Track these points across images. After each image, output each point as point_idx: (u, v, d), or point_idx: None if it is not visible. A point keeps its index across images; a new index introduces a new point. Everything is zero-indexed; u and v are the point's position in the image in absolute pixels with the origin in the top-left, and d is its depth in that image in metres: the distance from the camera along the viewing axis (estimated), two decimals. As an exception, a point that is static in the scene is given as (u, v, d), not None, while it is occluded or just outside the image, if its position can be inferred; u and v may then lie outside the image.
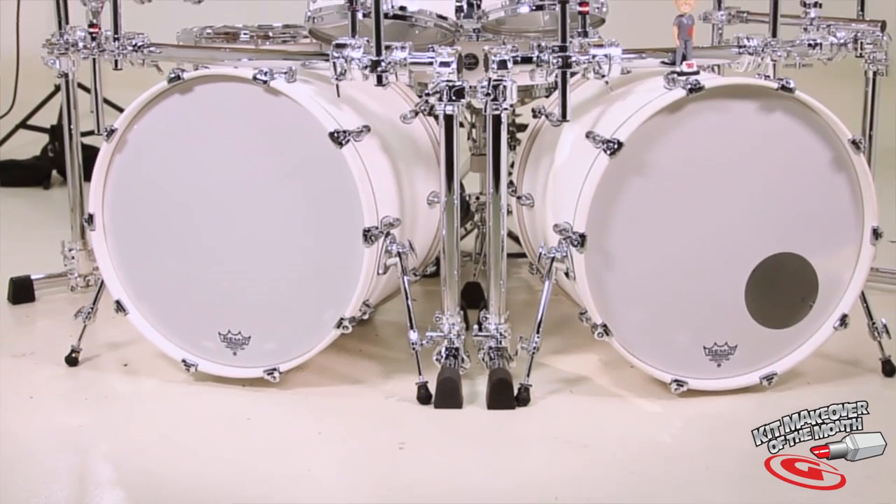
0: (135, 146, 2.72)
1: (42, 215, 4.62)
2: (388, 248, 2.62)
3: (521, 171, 3.00)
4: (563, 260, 2.59)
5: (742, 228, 2.61)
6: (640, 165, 2.54)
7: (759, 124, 2.57)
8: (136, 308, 2.78)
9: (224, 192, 2.66)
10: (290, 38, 3.36)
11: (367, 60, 2.54)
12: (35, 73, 4.13)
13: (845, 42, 2.91)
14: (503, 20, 2.91)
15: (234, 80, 2.63)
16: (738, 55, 2.77)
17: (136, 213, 2.75)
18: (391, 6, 2.72)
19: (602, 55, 2.56)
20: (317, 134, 2.53)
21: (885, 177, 3.13)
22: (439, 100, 2.53)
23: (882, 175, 2.98)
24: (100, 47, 2.88)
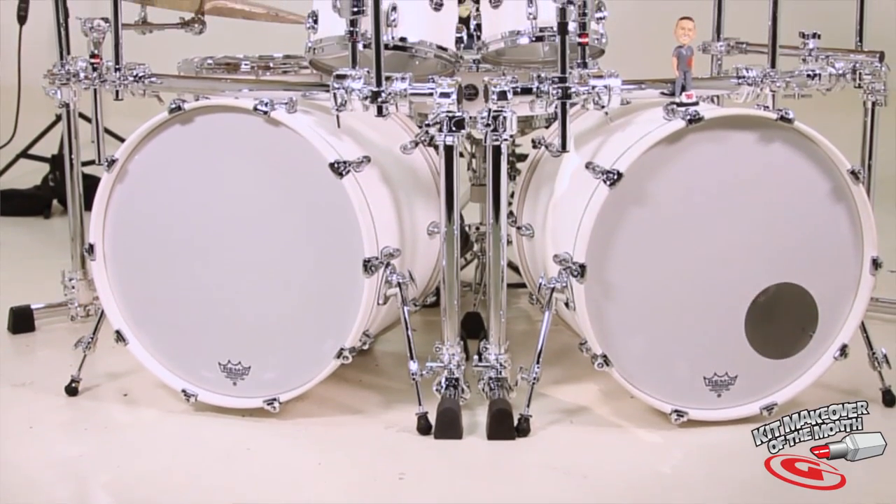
0: (135, 176, 2.73)
1: (42, 245, 4.63)
2: (389, 278, 2.62)
3: (521, 201, 3.01)
4: (563, 290, 2.60)
5: (742, 259, 2.61)
6: (639, 196, 2.54)
7: (758, 155, 2.58)
8: (136, 338, 2.78)
9: (224, 223, 2.67)
10: (290, 68, 3.37)
11: (367, 91, 2.55)
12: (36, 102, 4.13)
13: (844, 72, 2.92)
14: (503, 51, 2.92)
15: (235, 110, 2.63)
16: (737, 86, 2.79)
17: (137, 242, 2.75)
18: (391, 37, 2.72)
19: (602, 86, 2.57)
20: (317, 164, 2.54)
21: (885, 206, 3.14)
22: (439, 130, 2.54)
23: (881, 205, 2.99)
24: (101, 78, 2.89)
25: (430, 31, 2.80)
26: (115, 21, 2.87)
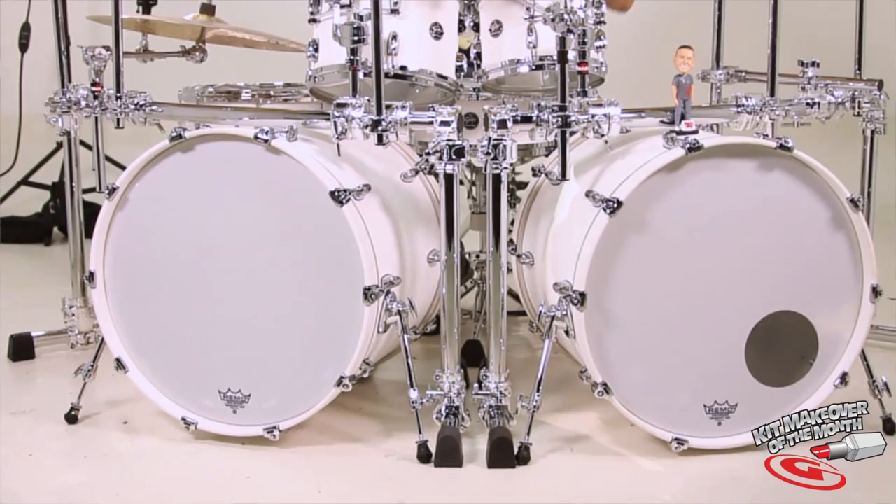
0: (136, 204, 2.73)
1: (43, 272, 4.63)
2: (389, 306, 2.62)
3: (521, 229, 3.01)
4: (563, 318, 2.60)
5: (741, 287, 2.61)
6: (639, 224, 2.54)
7: (757, 183, 2.58)
8: (137, 366, 2.78)
9: (225, 251, 2.67)
10: (291, 96, 3.38)
11: (367, 119, 2.55)
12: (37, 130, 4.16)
13: (843, 101, 2.93)
14: (503, 80, 2.93)
15: (236, 138, 2.64)
16: (736, 114, 2.80)
17: (137, 270, 2.76)
18: (392, 66, 2.73)
19: (601, 114, 2.58)
20: (317, 192, 2.54)
21: (885, 234, 3.14)
22: (440, 159, 2.55)
23: (881, 232, 2.99)
24: (102, 106, 2.90)
25: (431, 59, 2.81)
26: (116, 49, 2.88)
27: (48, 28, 3.41)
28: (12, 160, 5.71)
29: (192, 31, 3.58)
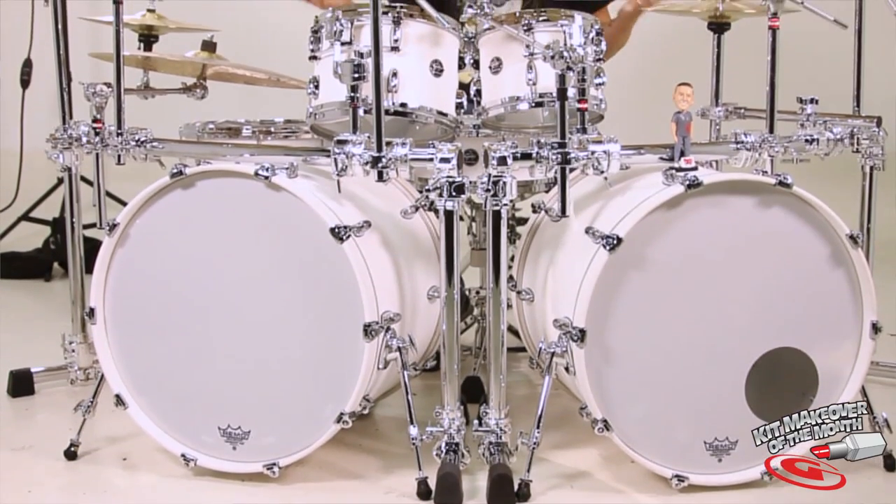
0: (137, 240, 2.74)
1: (43, 308, 4.62)
2: (389, 342, 2.63)
3: (520, 265, 3.02)
4: (563, 355, 2.60)
5: (741, 323, 2.61)
6: (639, 261, 2.55)
7: (757, 220, 2.59)
8: (136, 402, 2.78)
9: (225, 287, 2.68)
10: (291, 133, 3.38)
11: (368, 156, 2.56)
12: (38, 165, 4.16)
13: (842, 137, 2.94)
14: (503, 116, 2.94)
15: (236, 175, 2.65)
16: (735, 151, 2.81)
17: (138, 306, 2.76)
18: (392, 103, 2.74)
19: (601, 151, 2.59)
20: (318, 229, 2.55)
21: (884, 270, 3.15)
22: (440, 195, 2.55)
23: (880, 268, 3.00)
24: (103, 142, 2.90)
25: (431, 96, 2.82)
26: (117, 86, 2.88)
27: (50, 64, 3.43)
28: (13, 196, 5.72)
29: (194, 67, 3.59)
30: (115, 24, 2.87)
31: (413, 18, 2.79)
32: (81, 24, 3.69)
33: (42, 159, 3.26)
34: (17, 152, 5.63)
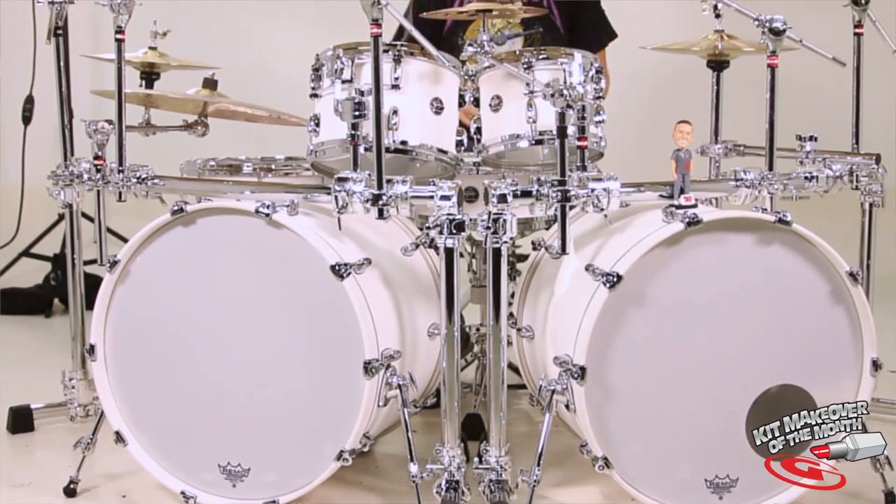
0: (137, 277, 2.75)
1: (43, 344, 4.62)
2: (389, 380, 2.62)
3: (521, 302, 3.02)
4: (564, 392, 2.60)
5: (742, 360, 2.61)
6: (639, 298, 2.55)
7: (757, 257, 2.60)
8: (136, 439, 2.77)
9: (226, 324, 2.68)
10: (292, 170, 3.39)
11: (368, 194, 2.57)
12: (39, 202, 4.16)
13: (841, 174, 2.94)
14: (503, 154, 2.95)
15: (237, 212, 2.66)
16: (735, 188, 2.81)
17: (138, 343, 2.76)
18: (392, 140, 2.75)
19: (601, 189, 2.59)
20: (318, 266, 2.55)
21: (884, 305, 3.15)
22: (440, 233, 2.55)
23: (880, 304, 3.00)
24: (104, 179, 2.91)
25: (431, 134, 2.83)
26: (119, 123, 2.89)
27: (52, 101, 3.43)
28: (14, 232, 5.73)
29: (195, 105, 3.61)
30: (117, 61, 2.88)
31: (413, 57, 2.81)
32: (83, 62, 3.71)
33: (43, 195, 3.26)
34: (18, 188, 5.64)
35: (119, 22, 2.85)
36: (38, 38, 4.81)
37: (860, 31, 3.22)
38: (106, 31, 2.89)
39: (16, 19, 5.36)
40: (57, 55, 3.40)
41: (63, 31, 3.36)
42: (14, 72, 5.59)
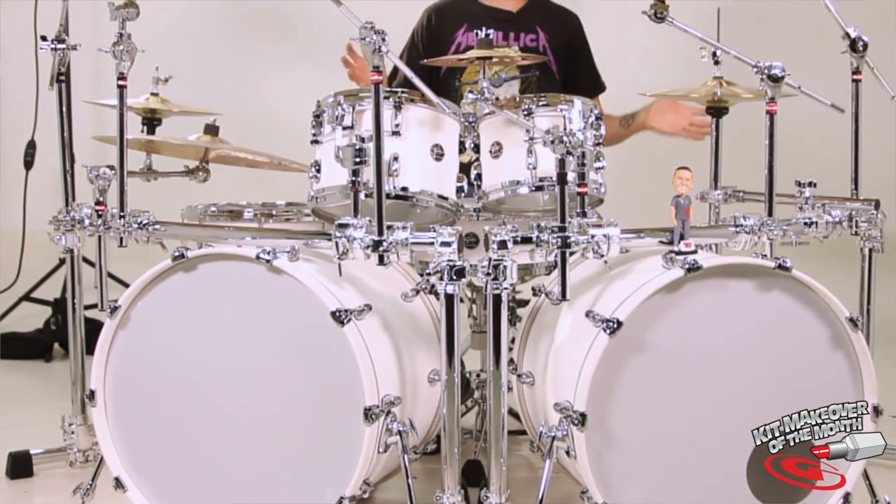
0: (138, 323, 2.75)
1: (43, 388, 4.61)
2: (389, 426, 2.62)
3: (521, 348, 3.02)
4: (564, 438, 2.59)
5: (743, 406, 2.61)
6: (639, 344, 2.55)
7: (757, 303, 2.60)
8: (136, 485, 2.77)
9: (226, 369, 2.68)
10: (293, 216, 3.40)
11: (369, 240, 2.57)
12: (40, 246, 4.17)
13: (840, 220, 2.95)
14: (503, 200, 2.96)
15: (238, 258, 2.66)
16: (735, 234, 2.82)
17: (138, 389, 2.76)
18: (393, 187, 2.76)
19: (601, 235, 2.60)
20: (319, 312, 2.56)
21: (884, 350, 3.15)
22: (440, 279, 2.55)
23: (880, 349, 3.00)
24: (105, 225, 2.91)
25: (431, 180, 2.84)
26: (120, 169, 2.90)
27: (53, 146, 3.45)
28: (15, 276, 5.73)
29: (196, 151, 3.62)
30: (119, 107, 2.89)
31: (414, 103, 2.82)
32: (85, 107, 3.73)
33: (44, 240, 3.26)
34: (19, 232, 5.65)
35: (121, 68, 2.87)
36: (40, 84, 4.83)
37: (858, 77, 3.24)
38: (108, 77, 2.91)
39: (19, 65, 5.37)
40: (59, 101, 3.42)
41: (66, 77, 3.39)
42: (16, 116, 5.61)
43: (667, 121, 3.84)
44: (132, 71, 2.89)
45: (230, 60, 6.27)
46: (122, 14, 2.86)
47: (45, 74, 3.52)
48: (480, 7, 4.08)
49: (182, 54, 5.76)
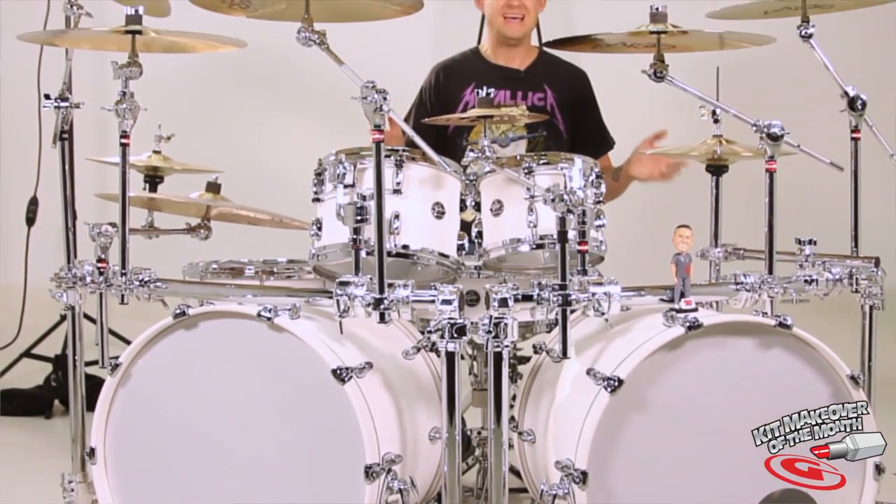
0: (139, 380, 2.75)
1: (43, 445, 4.59)
2: (390, 484, 2.61)
3: (522, 406, 3.01)
4: (566, 496, 2.58)
5: (744, 464, 2.60)
6: (640, 402, 2.55)
7: (757, 361, 2.60)
8: (135, 542, 2.76)
9: (227, 427, 2.68)
10: (294, 273, 3.40)
11: (370, 298, 2.58)
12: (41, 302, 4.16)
13: (841, 278, 2.95)
14: (504, 258, 2.96)
15: (239, 316, 2.67)
16: (735, 292, 2.82)
17: (139, 446, 2.76)
18: (394, 245, 2.77)
19: (601, 293, 2.60)
20: (319, 370, 2.56)
21: (885, 408, 3.13)
22: (441, 337, 2.56)
23: (882, 406, 2.99)
24: (107, 282, 2.92)
25: (432, 238, 2.85)
26: (122, 226, 2.91)
27: (56, 203, 3.45)
28: (16, 332, 5.72)
29: (198, 208, 3.63)
30: (122, 164, 2.91)
31: (415, 162, 2.84)
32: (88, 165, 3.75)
33: (45, 296, 3.26)
34: (20, 289, 5.65)
35: (124, 126, 2.89)
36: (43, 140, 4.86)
37: (857, 135, 3.24)
38: (111, 134, 2.92)
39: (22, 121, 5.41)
40: (62, 158, 3.43)
41: (68, 135, 3.40)
42: (19, 173, 5.64)
43: (645, 169, 3.90)
44: (135, 128, 2.90)
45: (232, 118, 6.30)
46: (125, 73, 2.88)
47: (47, 131, 3.54)
48: (488, 65, 4.12)
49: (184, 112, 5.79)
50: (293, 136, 6.14)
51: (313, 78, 5.21)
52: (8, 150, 6.17)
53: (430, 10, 3.17)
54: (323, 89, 4.52)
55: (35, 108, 4.40)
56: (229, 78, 6.14)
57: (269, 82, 6.22)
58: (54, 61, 3.61)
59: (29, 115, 4.74)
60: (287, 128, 6.26)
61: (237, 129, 6.30)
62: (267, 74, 6.10)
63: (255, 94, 6.28)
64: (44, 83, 4.69)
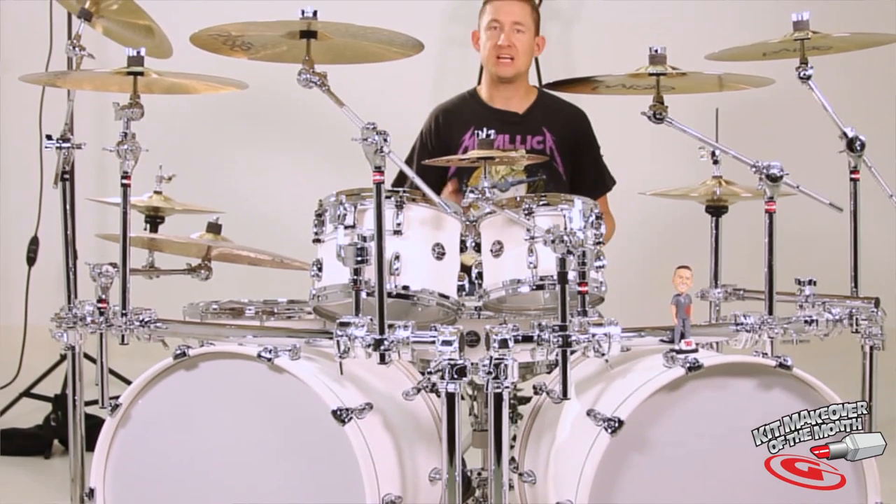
0: (139, 421, 2.75)
1: (42, 486, 4.58)
2: (390, 525, 2.61)
3: (522, 447, 3.01)
4: (567, 538, 2.58)
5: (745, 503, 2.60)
6: (641, 443, 2.55)
7: (758, 402, 2.60)
8: (134, 585, 2.75)
9: (227, 468, 2.67)
10: (294, 314, 3.41)
11: (370, 339, 2.58)
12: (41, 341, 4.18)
13: (841, 318, 2.96)
14: (504, 299, 2.96)
15: (239, 357, 2.67)
16: (735, 332, 2.82)
17: (138, 487, 2.75)
18: (394, 286, 2.77)
19: (602, 334, 2.61)
20: (319, 411, 2.56)
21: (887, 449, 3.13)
22: (441, 378, 2.56)
23: (884, 446, 2.99)
24: (107, 322, 2.92)
25: (433, 279, 2.86)
26: (123, 267, 2.91)
27: (56, 243, 3.46)
28: (15, 372, 5.72)
29: (199, 249, 3.63)
30: (123, 205, 2.91)
31: (415, 202, 2.85)
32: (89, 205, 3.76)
33: (45, 336, 3.26)
34: (20, 328, 5.64)
35: (125, 167, 2.89)
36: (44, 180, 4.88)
37: (856, 176, 3.25)
38: (112, 175, 2.93)
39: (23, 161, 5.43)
40: (63, 198, 3.44)
41: (70, 175, 3.41)
42: (20, 213, 5.65)
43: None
44: (136, 169, 2.91)
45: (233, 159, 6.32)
46: (127, 114, 2.90)
47: (49, 171, 3.55)
48: (487, 109, 4.13)
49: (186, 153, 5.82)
50: (294, 177, 6.16)
51: (314, 119, 5.21)
52: (9, 190, 6.19)
53: (430, 52, 3.19)
54: (323, 130, 4.54)
55: (36, 149, 4.44)
56: (230, 119, 6.16)
57: (270, 124, 6.25)
58: (56, 102, 3.63)
59: (30, 156, 4.76)
60: (288, 169, 6.28)
61: (238, 169, 6.32)
62: (268, 116, 6.13)
63: (256, 135, 6.30)
64: (45, 123, 4.71)
